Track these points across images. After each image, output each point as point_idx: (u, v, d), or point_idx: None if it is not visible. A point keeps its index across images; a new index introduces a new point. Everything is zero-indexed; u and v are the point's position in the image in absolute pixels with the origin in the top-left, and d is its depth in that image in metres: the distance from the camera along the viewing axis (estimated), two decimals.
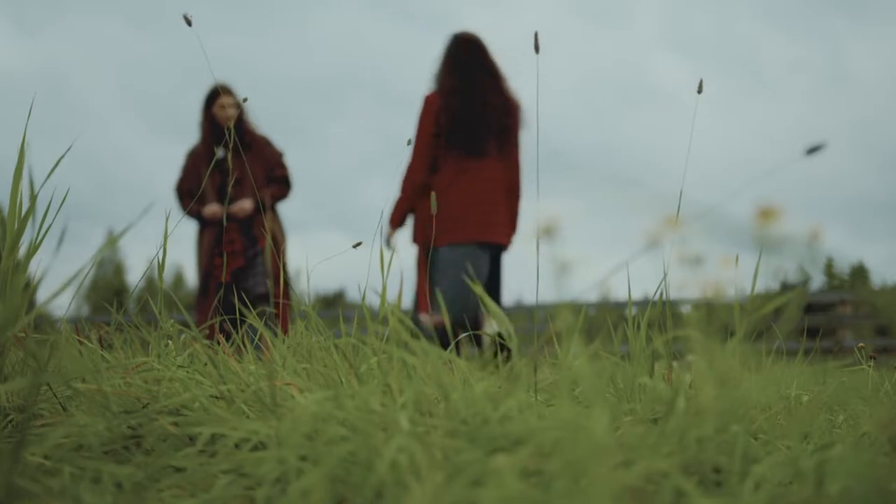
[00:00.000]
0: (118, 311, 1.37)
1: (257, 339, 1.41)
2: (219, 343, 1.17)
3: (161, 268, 1.26)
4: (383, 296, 1.04)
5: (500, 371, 1.02)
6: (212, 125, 4.03)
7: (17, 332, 1.04)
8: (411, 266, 3.58)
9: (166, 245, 1.25)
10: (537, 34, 1.20)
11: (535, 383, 1.04)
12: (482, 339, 3.11)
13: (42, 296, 1.17)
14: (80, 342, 1.20)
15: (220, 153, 3.96)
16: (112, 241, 1.03)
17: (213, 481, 0.83)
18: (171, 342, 1.40)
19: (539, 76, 1.20)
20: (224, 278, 3.82)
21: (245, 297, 1.99)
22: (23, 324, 1.04)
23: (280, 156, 4.11)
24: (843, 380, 1.47)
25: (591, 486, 0.52)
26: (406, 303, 3.60)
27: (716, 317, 0.77)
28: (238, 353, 1.33)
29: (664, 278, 0.98)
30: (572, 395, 0.92)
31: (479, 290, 1.02)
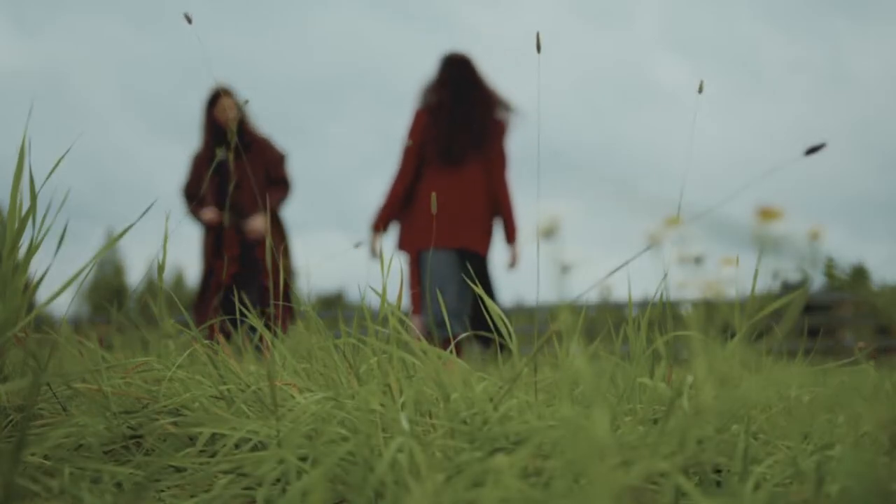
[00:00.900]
0: (118, 312, 1.37)
1: (257, 340, 1.41)
2: (218, 343, 1.17)
3: (161, 268, 1.26)
4: (383, 296, 1.04)
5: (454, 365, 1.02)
6: (213, 127, 4.04)
7: (17, 332, 1.04)
8: (404, 270, 3.69)
9: (167, 245, 1.25)
10: (539, 34, 1.20)
11: (535, 383, 1.04)
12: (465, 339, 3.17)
13: (42, 296, 1.17)
14: (81, 342, 1.20)
15: (221, 155, 3.96)
16: (112, 241, 1.03)
17: (213, 481, 0.83)
18: (171, 342, 1.40)
19: (540, 76, 1.20)
20: (223, 280, 3.83)
21: (244, 300, 1.99)
22: (23, 324, 1.04)
23: (281, 157, 4.11)
24: (843, 380, 1.47)
25: (591, 486, 0.52)
26: (405, 304, 3.64)
27: (716, 317, 0.77)
28: (237, 354, 1.33)
29: (664, 278, 0.98)
30: (572, 395, 0.92)
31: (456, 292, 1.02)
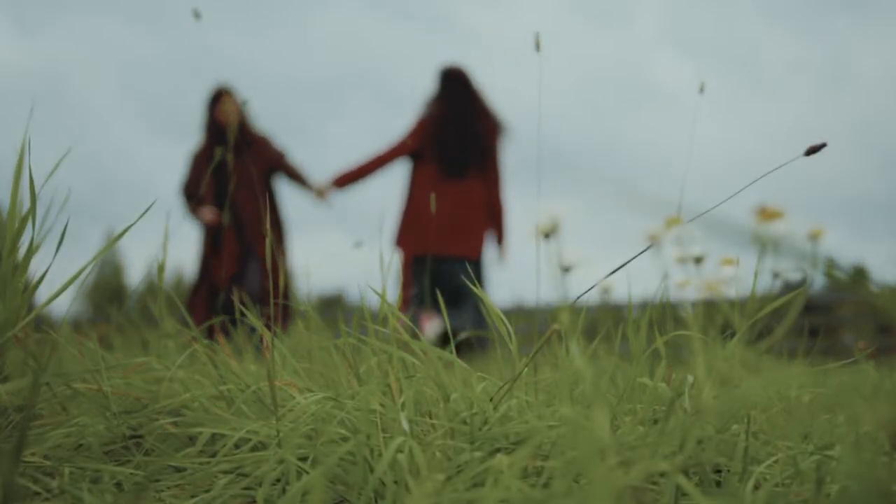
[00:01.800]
0: (118, 312, 1.37)
1: (257, 340, 1.41)
2: (218, 343, 1.17)
3: (161, 268, 1.26)
4: (383, 296, 1.04)
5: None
6: (214, 127, 4.04)
7: (17, 332, 1.04)
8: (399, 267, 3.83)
9: (167, 245, 1.25)
10: (538, 34, 1.20)
11: (535, 383, 1.04)
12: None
13: (42, 296, 1.17)
14: (81, 342, 1.20)
15: (221, 155, 3.97)
16: (112, 241, 1.03)
17: (213, 481, 0.83)
18: (171, 342, 1.40)
19: (540, 76, 1.20)
20: (221, 279, 3.84)
21: (242, 298, 2.00)
22: (23, 324, 1.04)
23: (281, 155, 4.12)
24: (843, 380, 1.47)
25: (591, 486, 0.52)
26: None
27: (716, 317, 0.77)
28: (236, 354, 1.33)
29: (664, 278, 0.98)
30: (572, 395, 0.92)
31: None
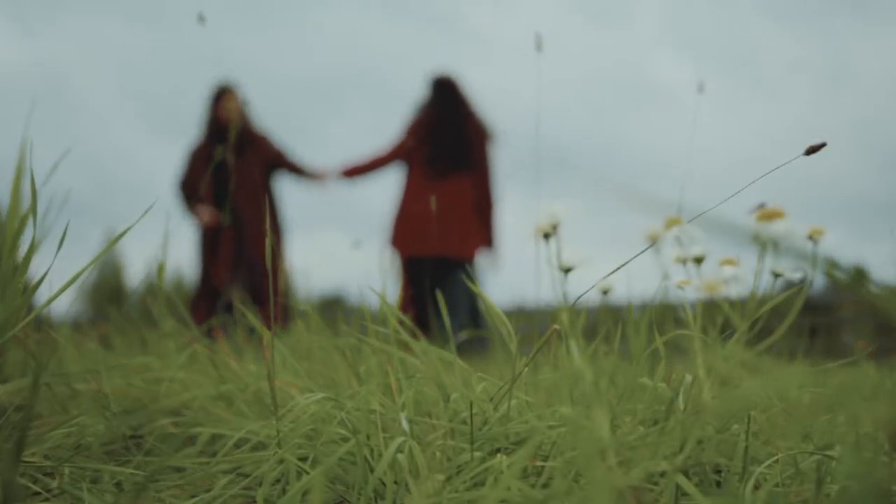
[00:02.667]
0: (118, 312, 1.37)
1: (256, 340, 1.41)
2: (217, 342, 1.17)
3: (161, 268, 1.26)
4: (383, 296, 1.04)
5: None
6: (215, 124, 4.01)
7: (18, 332, 1.04)
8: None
9: (167, 245, 1.25)
10: (538, 34, 1.20)
11: (535, 383, 1.04)
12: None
13: (42, 296, 1.17)
14: (81, 342, 1.20)
15: (221, 153, 3.95)
16: (112, 241, 1.03)
17: (213, 481, 0.83)
18: (171, 342, 1.40)
19: (539, 76, 1.20)
20: (217, 280, 3.82)
21: (239, 299, 1.99)
22: (23, 324, 1.04)
23: (281, 153, 4.11)
24: (843, 380, 1.47)
25: (591, 486, 0.52)
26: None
27: (716, 317, 0.77)
28: (234, 353, 1.33)
29: (664, 278, 0.98)
30: (572, 395, 0.92)
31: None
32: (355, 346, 1.09)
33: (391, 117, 4.33)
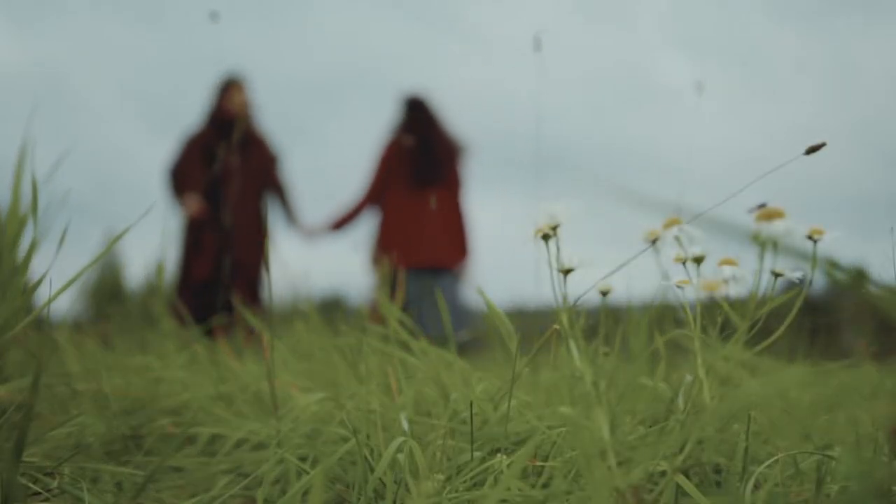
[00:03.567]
0: (118, 312, 1.37)
1: (241, 337, 1.41)
2: (216, 342, 1.17)
3: (161, 268, 1.26)
4: (383, 296, 1.04)
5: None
6: (218, 116, 3.88)
7: (18, 332, 1.04)
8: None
9: (166, 246, 1.25)
10: (537, 34, 1.20)
11: (535, 383, 1.04)
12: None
13: (42, 296, 1.17)
14: (81, 342, 1.20)
15: (220, 148, 3.85)
16: (112, 241, 1.03)
17: (213, 481, 0.83)
18: (170, 342, 1.40)
19: (539, 76, 1.20)
20: (197, 274, 3.73)
21: (220, 299, 1.98)
22: (23, 324, 1.04)
23: (273, 160, 4.03)
24: (843, 380, 1.46)
25: (591, 486, 0.52)
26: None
27: (716, 317, 0.77)
28: (233, 354, 1.33)
29: (664, 278, 0.98)
30: (572, 395, 0.92)
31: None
32: (355, 346, 1.09)
33: (391, 117, 4.34)
